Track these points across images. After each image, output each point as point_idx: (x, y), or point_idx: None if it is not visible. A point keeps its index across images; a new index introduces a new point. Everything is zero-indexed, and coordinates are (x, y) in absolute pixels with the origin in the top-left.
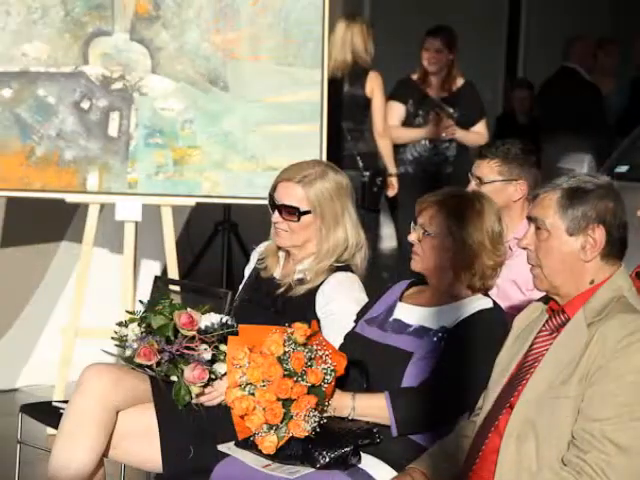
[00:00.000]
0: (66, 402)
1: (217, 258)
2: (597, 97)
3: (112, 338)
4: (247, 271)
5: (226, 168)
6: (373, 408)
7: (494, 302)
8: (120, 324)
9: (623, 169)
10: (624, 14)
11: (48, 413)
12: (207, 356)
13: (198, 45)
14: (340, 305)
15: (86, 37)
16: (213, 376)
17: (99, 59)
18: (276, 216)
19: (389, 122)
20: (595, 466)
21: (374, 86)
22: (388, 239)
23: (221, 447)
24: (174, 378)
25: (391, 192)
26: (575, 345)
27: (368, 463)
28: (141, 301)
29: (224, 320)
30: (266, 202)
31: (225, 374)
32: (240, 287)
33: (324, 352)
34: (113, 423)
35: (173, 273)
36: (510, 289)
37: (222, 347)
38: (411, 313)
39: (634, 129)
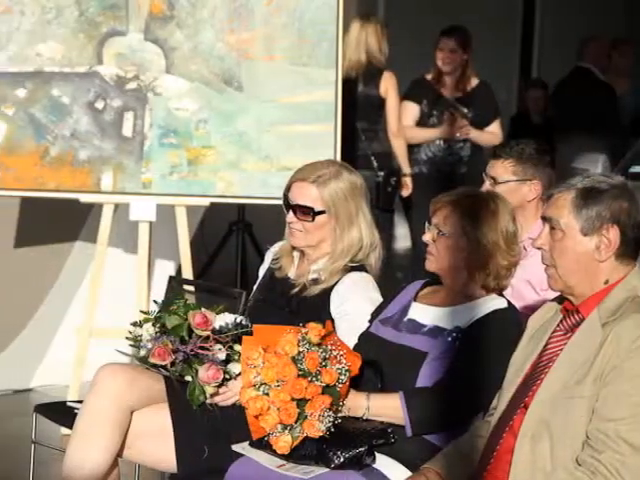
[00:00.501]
0: (80, 402)
1: (231, 258)
2: (611, 97)
3: (126, 338)
4: (261, 271)
5: (240, 168)
6: (387, 408)
7: (508, 302)
8: (134, 324)
9: (637, 169)
10: (639, 14)
11: (62, 413)
12: (221, 356)
13: (212, 45)
14: (355, 305)
15: (100, 37)
16: (227, 376)
17: (113, 59)
18: (290, 216)
19: (403, 122)
20: (609, 466)
21: (388, 86)
22: (402, 239)
23: (235, 447)
24: (188, 378)
25: (405, 192)
26: (589, 345)
27: (382, 463)
28: (155, 301)
29: (238, 320)
30: (280, 202)
31: (239, 374)
32: (254, 287)
33: (338, 352)
34: (127, 423)
35: (187, 273)
36: (524, 289)
37: (236, 347)
38: (425, 313)
39: None
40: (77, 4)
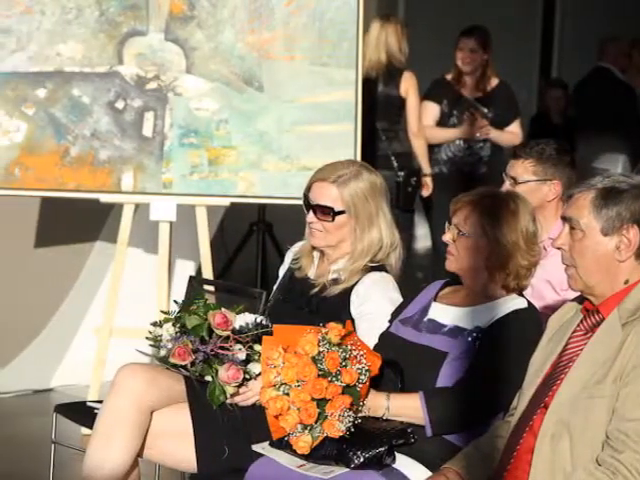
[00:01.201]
0: (101, 402)
1: (252, 258)
2: (631, 97)
3: (147, 338)
4: (281, 271)
5: (261, 168)
6: (407, 408)
7: (529, 302)
8: (155, 324)
9: None
10: None
11: (83, 413)
12: (241, 356)
13: (233, 45)
14: (375, 305)
15: (121, 37)
16: (247, 376)
17: (134, 59)
18: (310, 216)
19: (423, 122)
20: (630, 466)
21: (408, 86)
22: (423, 239)
23: (255, 447)
24: (208, 378)
25: (425, 192)
26: (610, 345)
27: (402, 463)
28: (176, 301)
29: (258, 320)
30: (301, 202)
31: (259, 374)
32: (274, 287)
33: (358, 352)
34: (148, 423)
35: (208, 273)
36: (544, 289)
37: (256, 347)
38: (446, 313)
39: None
40: (97, 4)
